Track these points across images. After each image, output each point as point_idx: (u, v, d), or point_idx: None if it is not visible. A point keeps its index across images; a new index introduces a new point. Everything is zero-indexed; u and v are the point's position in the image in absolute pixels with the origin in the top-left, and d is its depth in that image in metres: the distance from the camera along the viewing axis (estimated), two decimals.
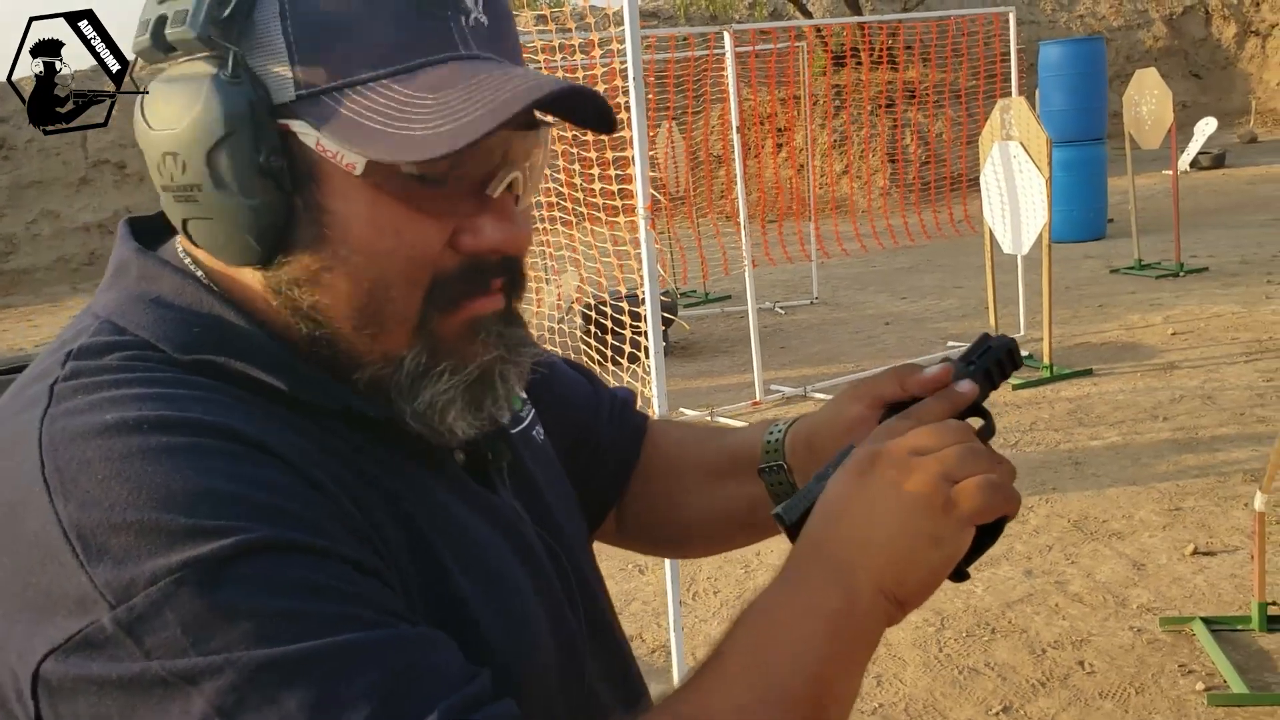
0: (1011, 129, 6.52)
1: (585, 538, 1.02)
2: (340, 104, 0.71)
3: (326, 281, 0.75)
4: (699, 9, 20.21)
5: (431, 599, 0.76)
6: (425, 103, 0.71)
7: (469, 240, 0.76)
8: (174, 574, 0.63)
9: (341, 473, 0.74)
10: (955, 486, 0.76)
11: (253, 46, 0.72)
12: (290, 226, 0.74)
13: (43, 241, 15.83)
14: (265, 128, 0.72)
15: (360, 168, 0.72)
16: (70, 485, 0.66)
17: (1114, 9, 22.61)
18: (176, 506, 0.65)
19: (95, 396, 0.70)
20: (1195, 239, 10.42)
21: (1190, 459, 5.21)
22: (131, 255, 0.81)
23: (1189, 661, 3.51)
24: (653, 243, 2.96)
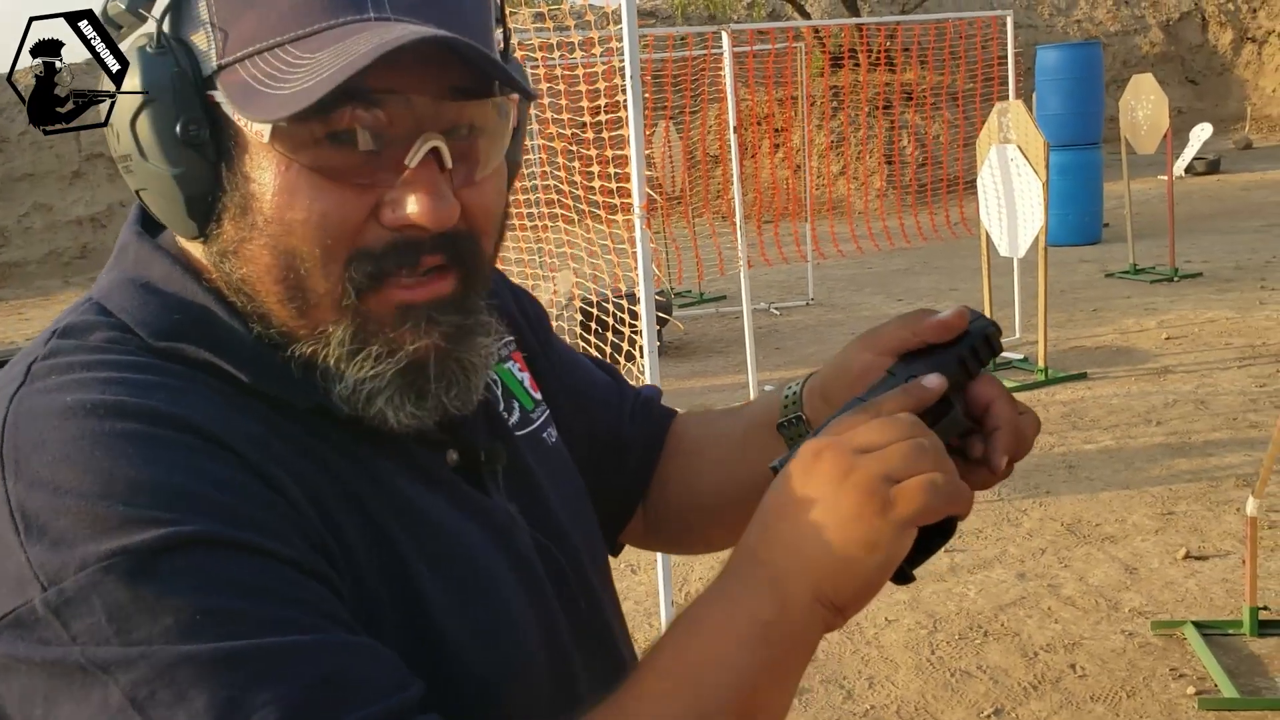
0: (1009, 132, 6.53)
1: (597, 544, 0.99)
2: (247, 71, 0.71)
3: (248, 253, 0.74)
4: (697, 9, 20.22)
5: (394, 599, 0.75)
6: (303, 62, 0.70)
7: (388, 213, 0.74)
8: (103, 561, 0.63)
9: (304, 469, 0.73)
10: (895, 487, 0.72)
11: (182, 19, 0.72)
12: (217, 197, 0.74)
13: (35, 234, 15.79)
14: (187, 98, 0.72)
15: (266, 135, 0.71)
16: (23, 464, 0.67)
17: (1111, 14, 22.65)
18: (118, 494, 0.65)
19: (64, 378, 0.71)
20: (1190, 244, 10.44)
21: (1183, 463, 5.22)
22: (132, 238, 0.82)
23: (1180, 665, 3.51)
24: (648, 242, 2.96)
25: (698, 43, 11.45)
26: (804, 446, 0.76)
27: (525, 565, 0.85)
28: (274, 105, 0.69)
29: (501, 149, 0.79)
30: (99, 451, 0.66)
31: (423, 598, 0.76)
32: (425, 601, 0.76)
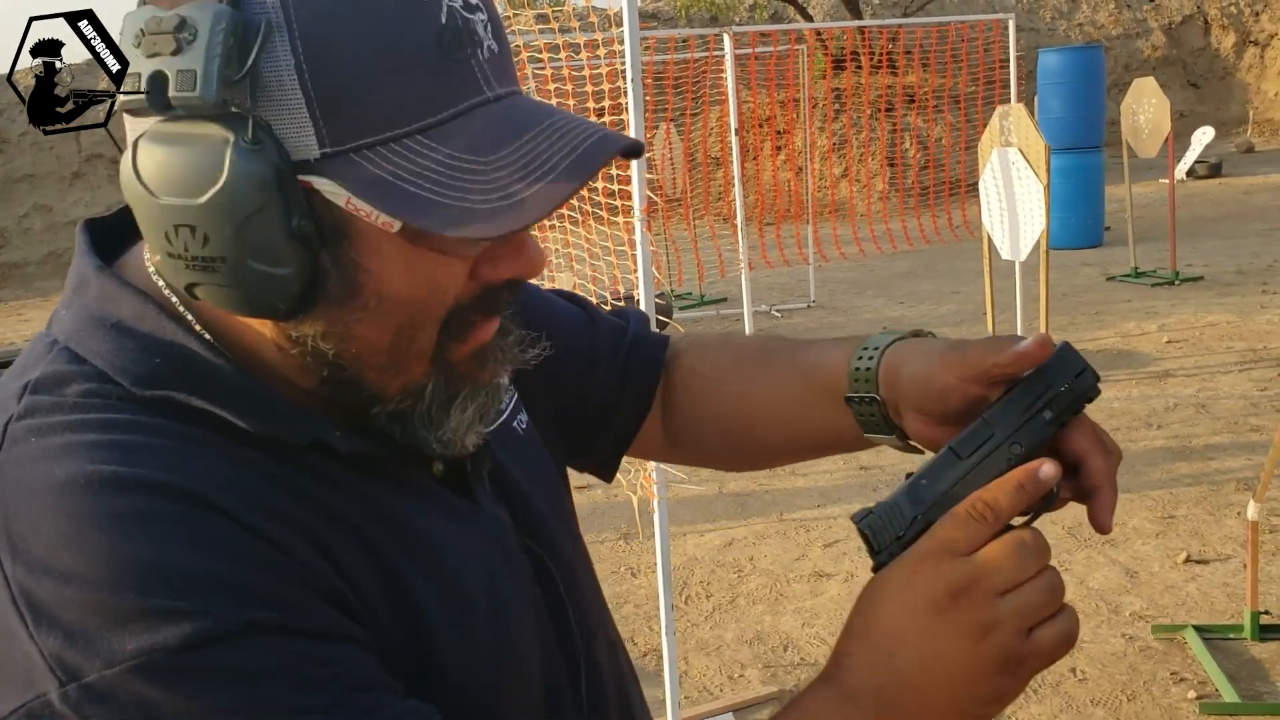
0: (1011, 135, 6.52)
1: (575, 534, 0.99)
2: (371, 162, 0.67)
3: (354, 333, 0.72)
4: (699, 11, 20.22)
5: (405, 632, 0.74)
6: (474, 167, 0.67)
7: (489, 271, 0.75)
8: (131, 660, 0.61)
9: (306, 518, 0.71)
10: (1030, 640, 0.72)
11: (266, 103, 0.66)
12: (317, 285, 0.70)
13: (34, 235, 15.80)
14: (292, 191, 0.67)
15: (398, 226, 0.68)
16: (19, 546, 0.63)
17: (1113, 18, 22.65)
18: (130, 583, 0.62)
19: (48, 442, 0.67)
20: (1191, 248, 10.43)
21: (1184, 467, 5.21)
22: (92, 272, 0.76)
23: (1181, 670, 3.50)
24: (648, 245, 2.95)
25: (699, 45, 11.45)
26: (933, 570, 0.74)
27: (518, 571, 0.85)
28: (475, 220, 0.66)
29: None
30: (101, 535, 0.63)
31: (432, 626, 0.75)
32: (434, 630, 0.75)
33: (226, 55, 0.64)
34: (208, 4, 0.64)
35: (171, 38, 0.65)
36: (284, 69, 0.65)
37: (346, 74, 0.66)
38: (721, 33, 7.23)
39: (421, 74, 0.67)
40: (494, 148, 0.68)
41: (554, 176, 0.68)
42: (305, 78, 0.65)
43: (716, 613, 4.19)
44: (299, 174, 0.67)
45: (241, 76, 0.65)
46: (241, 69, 0.64)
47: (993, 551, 0.73)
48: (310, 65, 0.65)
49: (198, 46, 0.64)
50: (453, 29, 0.68)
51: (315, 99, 0.66)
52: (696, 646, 3.93)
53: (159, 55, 0.65)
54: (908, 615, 0.74)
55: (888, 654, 0.75)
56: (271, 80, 0.65)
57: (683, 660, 3.80)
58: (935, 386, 0.86)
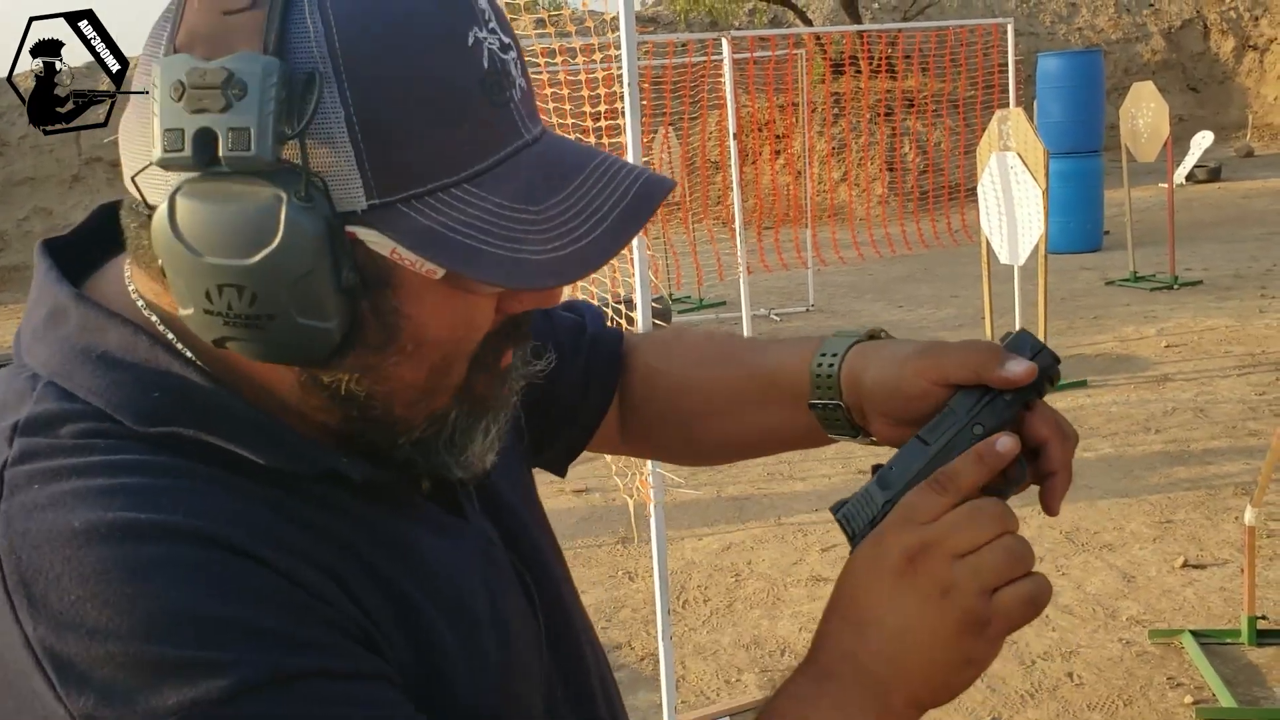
0: (1009, 140, 6.53)
1: (554, 542, 0.99)
2: (420, 213, 0.65)
3: (387, 373, 0.71)
4: (699, 15, 20.23)
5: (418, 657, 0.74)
6: (526, 216, 0.67)
7: (514, 304, 0.75)
8: (171, 715, 0.59)
9: (319, 552, 0.69)
10: (993, 601, 0.74)
11: (316, 157, 0.64)
12: (355, 332, 0.68)
13: (34, 238, 15.66)
14: (341, 244, 0.65)
15: (441, 273, 0.67)
16: (39, 603, 0.60)
17: (1112, 22, 22.67)
18: (163, 635, 0.60)
19: (55, 489, 0.64)
20: (1190, 252, 10.44)
21: (1182, 471, 5.21)
22: (69, 301, 0.72)
23: (1178, 674, 3.50)
24: (645, 249, 2.96)
25: (698, 49, 11.46)
26: (894, 538, 0.77)
27: (508, 583, 0.85)
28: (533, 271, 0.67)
29: None
30: (126, 587, 0.60)
31: (445, 651, 0.75)
32: (448, 655, 0.75)
33: (279, 111, 0.62)
34: (254, 56, 0.62)
35: (220, 94, 0.62)
36: (333, 121, 0.63)
37: (395, 123, 0.64)
38: (720, 37, 7.23)
39: (468, 121, 0.66)
40: (544, 195, 0.69)
41: (608, 224, 0.69)
42: (355, 129, 0.63)
43: (714, 617, 4.19)
44: (346, 224, 0.65)
45: (297, 133, 0.62)
46: (296, 125, 0.62)
47: (949, 516, 0.75)
48: (360, 116, 0.63)
49: (249, 102, 0.61)
50: (494, 73, 0.68)
51: (364, 150, 0.64)
52: (694, 651, 3.93)
53: (206, 111, 0.62)
54: (874, 584, 0.77)
55: (859, 625, 0.77)
56: (323, 134, 0.63)
57: (680, 665, 3.80)
58: (909, 392, 0.86)
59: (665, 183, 0.73)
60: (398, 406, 0.73)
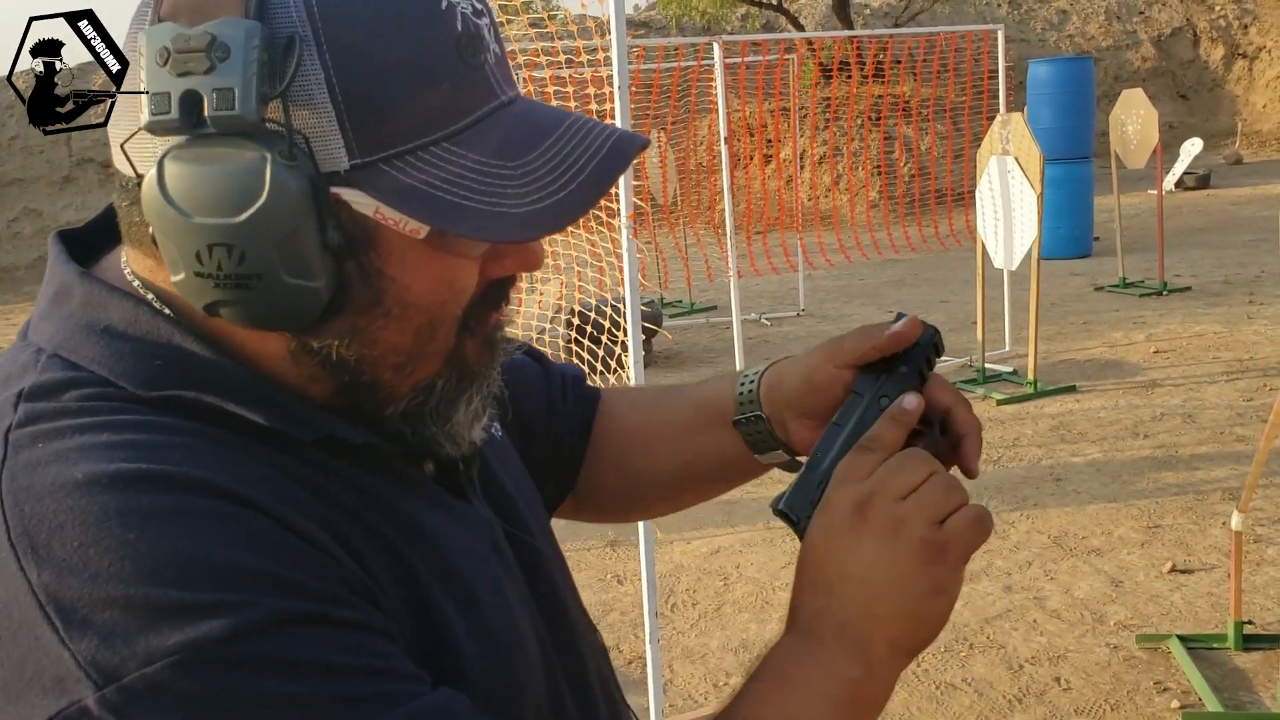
0: (1009, 144, 6.55)
1: (550, 534, 1.00)
2: (401, 171, 0.67)
3: (376, 336, 0.72)
4: (691, 20, 20.26)
5: (419, 627, 0.74)
6: (505, 172, 0.69)
7: (494, 267, 0.76)
8: (172, 655, 0.59)
9: (323, 513, 0.70)
10: (943, 528, 0.78)
11: (298, 118, 0.66)
12: (342, 294, 0.70)
13: (24, 240, 15.76)
14: (325, 204, 0.67)
15: (424, 232, 0.69)
16: (43, 551, 0.61)
17: (1103, 29, 22.75)
18: (167, 578, 0.60)
19: (58, 445, 0.65)
20: (1179, 258, 10.47)
21: (1170, 477, 5.23)
22: (74, 279, 0.74)
23: (1165, 679, 3.51)
24: (634, 252, 2.96)
25: (689, 53, 11.47)
26: (838, 497, 0.81)
27: (510, 569, 0.86)
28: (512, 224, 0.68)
29: None
30: (130, 532, 0.61)
31: (447, 624, 0.75)
32: (450, 628, 0.75)
33: (261, 73, 0.64)
34: (236, 20, 0.64)
35: (204, 57, 0.63)
36: (314, 83, 0.65)
37: (374, 84, 0.66)
38: (711, 41, 7.24)
39: (446, 81, 0.68)
40: (521, 152, 0.70)
41: (584, 177, 0.71)
42: (335, 90, 0.65)
43: (702, 620, 4.19)
44: (330, 185, 0.67)
45: (279, 93, 0.64)
46: (278, 85, 0.64)
47: (882, 468, 0.81)
48: (340, 77, 0.65)
49: (232, 64, 0.63)
50: (468, 35, 0.70)
51: (345, 111, 0.66)
52: (682, 654, 3.93)
53: (190, 74, 0.64)
54: (831, 544, 0.81)
55: (826, 585, 0.80)
56: (303, 95, 0.65)
57: (668, 668, 3.80)
58: (818, 380, 0.94)
59: (638, 139, 0.74)
60: (385, 371, 0.74)
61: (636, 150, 0.74)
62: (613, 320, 5.41)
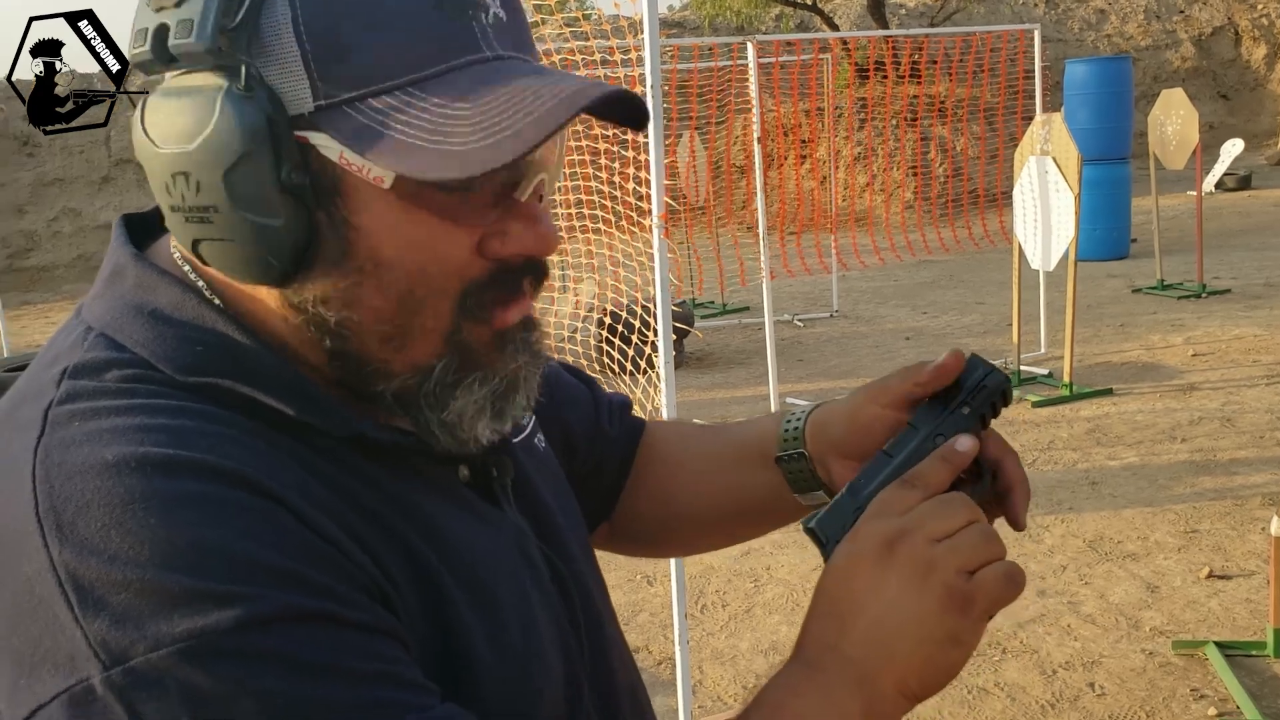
0: (1048, 144, 6.50)
1: (589, 549, 0.99)
2: (364, 115, 0.68)
3: (354, 297, 0.72)
4: (725, 20, 20.22)
5: (438, 632, 0.74)
6: (461, 113, 0.67)
7: (498, 245, 0.74)
8: (179, 642, 0.60)
9: (345, 511, 0.71)
10: (972, 580, 0.76)
11: (263, 56, 0.67)
12: (313, 243, 0.70)
13: (63, 239, 15.94)
14: (285, 142, 0.68)
15: (389, 181, 0.68)
16: (67, 529, 0.62)
17: (1142, 29, 22.52)
18: (182, 565, 0.61)
19: (93, 425, 0.66)
20: (1218, 260, 10.35)
21: (1208, 481, 5.16)
22: (128, 260, 0.77)
23: (1201, 686, 3.46)
24: (666, 253, 2.95)
25: (724, 53, 11.45)
26: (870, 529, 0.79)
27: (539, 579, 0.85)
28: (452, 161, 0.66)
29: (560, 172, 0.81)
30: (152, 517, 0.62)
31: (464, 630, 0.75)
32: (467, 634, 0.75)
33: (223, 4, 0.66)
34: None
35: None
36: (282, 24, 0.67)
37: (340, 28, 0.67)
38: (745, 42, 7.22)
39: (415, 30, 0.68)
40: (482, 95, 0.68)
41: (539, 115, 0.67)
42: (301, 31, 0.67)
43: (732, 622, 4.17)
44: (297, 129, 0.68)
45: (237, 24, 0.66)
46: (236, 16, 0.66)
47: (922, 507, 0.79)
48: (306, 19, 0.67)
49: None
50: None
51: (310, 53, 0.67)
52: (711, 656, 3.91)
53: (164, 9, 0.68)
54: (853, 575, 0.78)
55: (840, 617, 0.78)
56: (270, 35, 0.67)
57: (697, 669, 3.79)
58: (862, 420, 0.94)
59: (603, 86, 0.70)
60: (372, 341, 0.73)
61: (602, 94, 0.69)
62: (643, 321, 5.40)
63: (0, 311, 9.87)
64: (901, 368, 0.93)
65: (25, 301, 14.40)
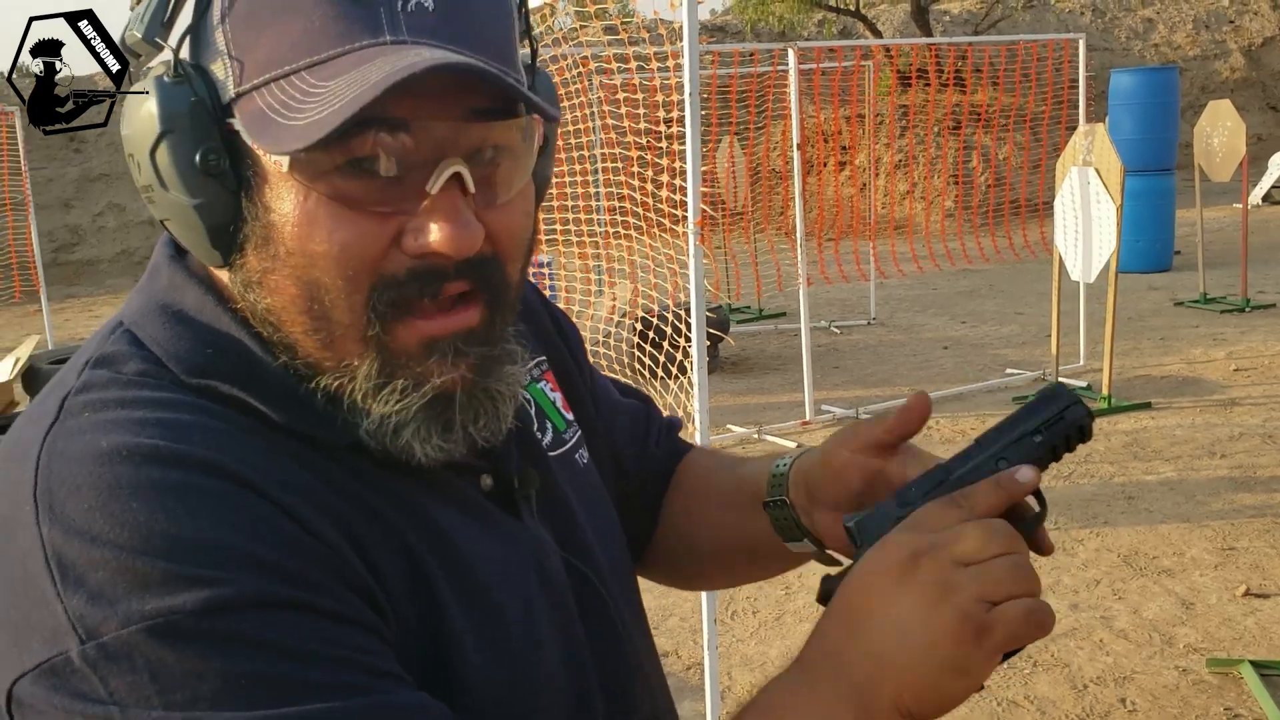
0: (1090, 154, 6.44)
1: (626, 564, 0.99)
2: (261, 98, 0.70)
3: (272, 284, 0.73)
4: (767, 25, 20.19)
5: (430, 638, 0.75)
6: (318, 91, 0.68)
7: (410, 241, 0.72)
8: (148, 620, 0.63)
9: (342, 510, 0.73)
10: (993, 612, 0.72)
11: (201, 48, 0.72)
12: (239, 227, 0.73)
13: (108, 234, 16.15)
14: (205, 127, 0.71)
15: (285, 165, 0.70)
16: (57, 509, 0.66)
17: (1190, 39, 22.27)
18: (157, 549, 0.64)
19: (99, 416, 0.71)
20: (1263, 274, 10.21)
21: (1247, 498, 5.10)
22: (164, 261, 0.81)
23: (1235, 705, 3.42)
24: (701, 258, 2.95)
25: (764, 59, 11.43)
26: (898, 540, 0.76)
27: (555, 590, 0.85)
28: (290, 136, 0.68)
29: (527, 170, 0.78)
30: (135, 502, 0.66)
31: (454, 634, 0.76)
32: (457, 638, 0.76)
33: (162, 3, 0.73)
34: None
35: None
36: (214, 14, 0.71)
37: (253, 17, 0.70)
38: (786, 48, 7.21)
39: (317, 15, 0.69)
40: (349, 73, 0.68)
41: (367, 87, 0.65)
42: (226, 24, 0.71)
43: (762, 629, 4.17)
44: (226, 116, 0.72)
45: (169, 18, 0.72)
46: (167, 10, 0.72)
47: (958, 527, 0.75)
48: (232, 9, 0.71)
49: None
50: None
51: (230, 41, 0.71)
52: (740, 662, 3.91)
53: (133, 7, 0.75)
54: (872, 582, 0.76)
55: (851, 624, 0.76)
56: (206, 25, 0.72)
57: (725, 675, 3.79)
58: (834, 465, 0.92)
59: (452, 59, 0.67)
60: (296, 331, 0.74)
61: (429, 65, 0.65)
62: (674, 326, 5.41)
63: (45, 304, 10.02)
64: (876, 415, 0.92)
65: (70, 295, 14.60)
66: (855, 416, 6.70)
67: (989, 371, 7.66)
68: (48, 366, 6.03)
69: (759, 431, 6.50)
